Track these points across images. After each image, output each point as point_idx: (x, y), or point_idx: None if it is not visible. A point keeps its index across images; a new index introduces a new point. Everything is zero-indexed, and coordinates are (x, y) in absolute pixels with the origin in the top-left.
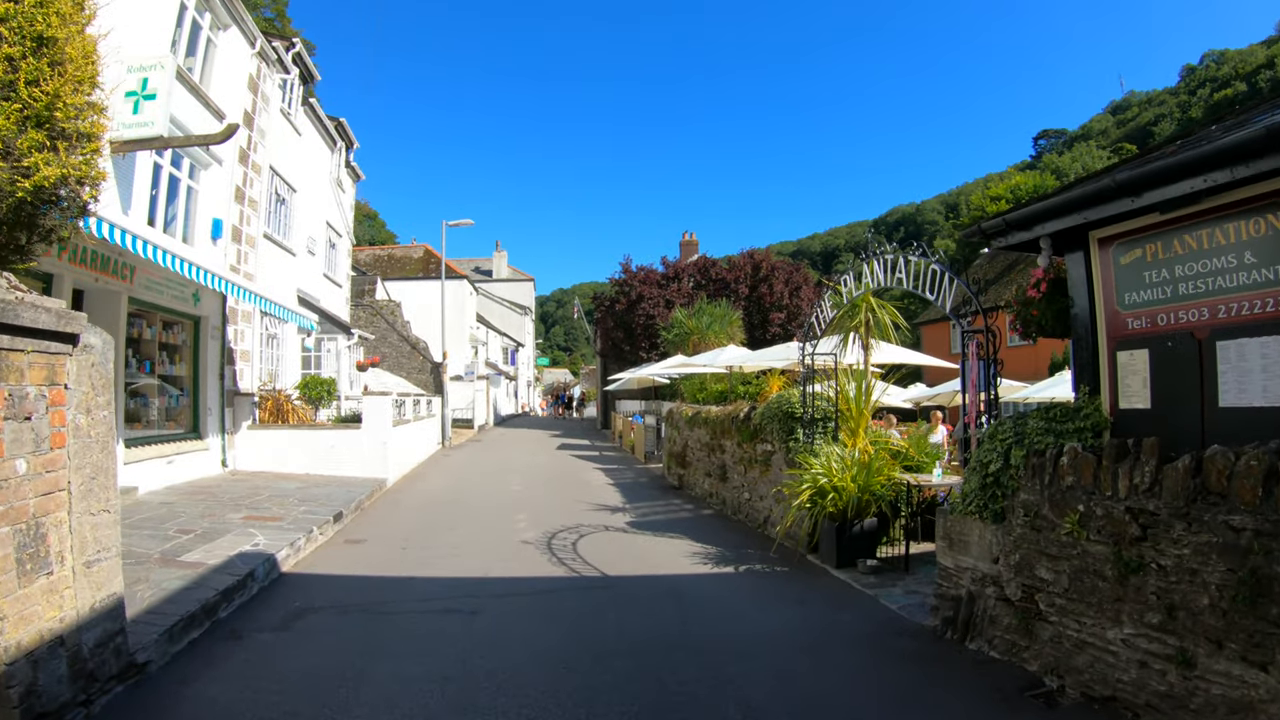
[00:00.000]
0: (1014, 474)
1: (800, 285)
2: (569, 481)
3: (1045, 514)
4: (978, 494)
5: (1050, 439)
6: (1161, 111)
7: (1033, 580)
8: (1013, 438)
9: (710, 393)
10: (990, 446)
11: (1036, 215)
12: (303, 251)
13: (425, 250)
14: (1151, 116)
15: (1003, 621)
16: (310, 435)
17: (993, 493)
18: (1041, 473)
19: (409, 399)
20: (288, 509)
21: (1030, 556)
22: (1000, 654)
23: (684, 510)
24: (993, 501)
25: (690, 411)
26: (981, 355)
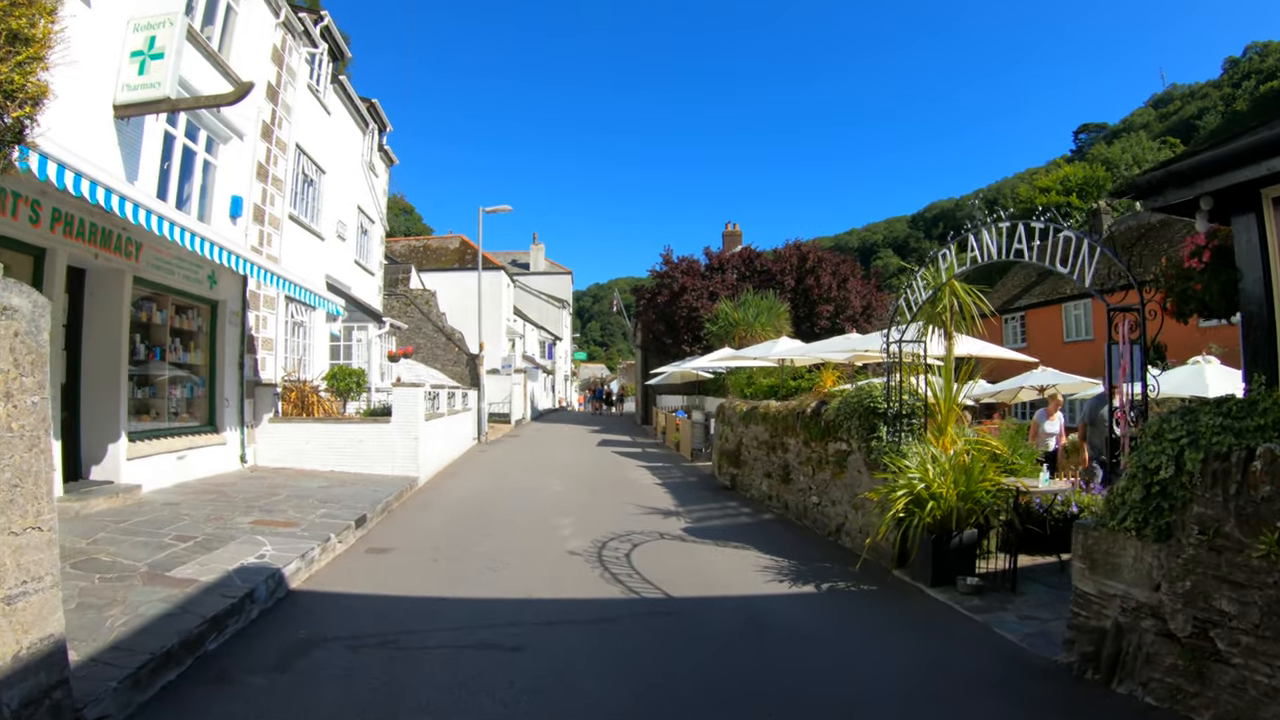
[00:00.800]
0: (1186, 482)
1: (848, 277)
2: (614, 481)
3: (1229, 532)
4: (1138, 506)
5: (1231, 439)
6: (1205, 105)
7: (1208, 613)
8: (1186, 437)
9: (759, 387)
10: (1157, 448)
11: (1202, 168)
12: (332, 236)
13: (461, 241)
14: (1195, 110)
15: (1164, 661)
16: (336, 429)
17: (1158, 505)
18: (1225, 481)
19: (443, 391)
20: (305, 512)
21: (1206, 584)
22: (1160, 701)
23: (742, 514)
24: (1156, 515)
25: (745, 407)
26: (1134, 338)
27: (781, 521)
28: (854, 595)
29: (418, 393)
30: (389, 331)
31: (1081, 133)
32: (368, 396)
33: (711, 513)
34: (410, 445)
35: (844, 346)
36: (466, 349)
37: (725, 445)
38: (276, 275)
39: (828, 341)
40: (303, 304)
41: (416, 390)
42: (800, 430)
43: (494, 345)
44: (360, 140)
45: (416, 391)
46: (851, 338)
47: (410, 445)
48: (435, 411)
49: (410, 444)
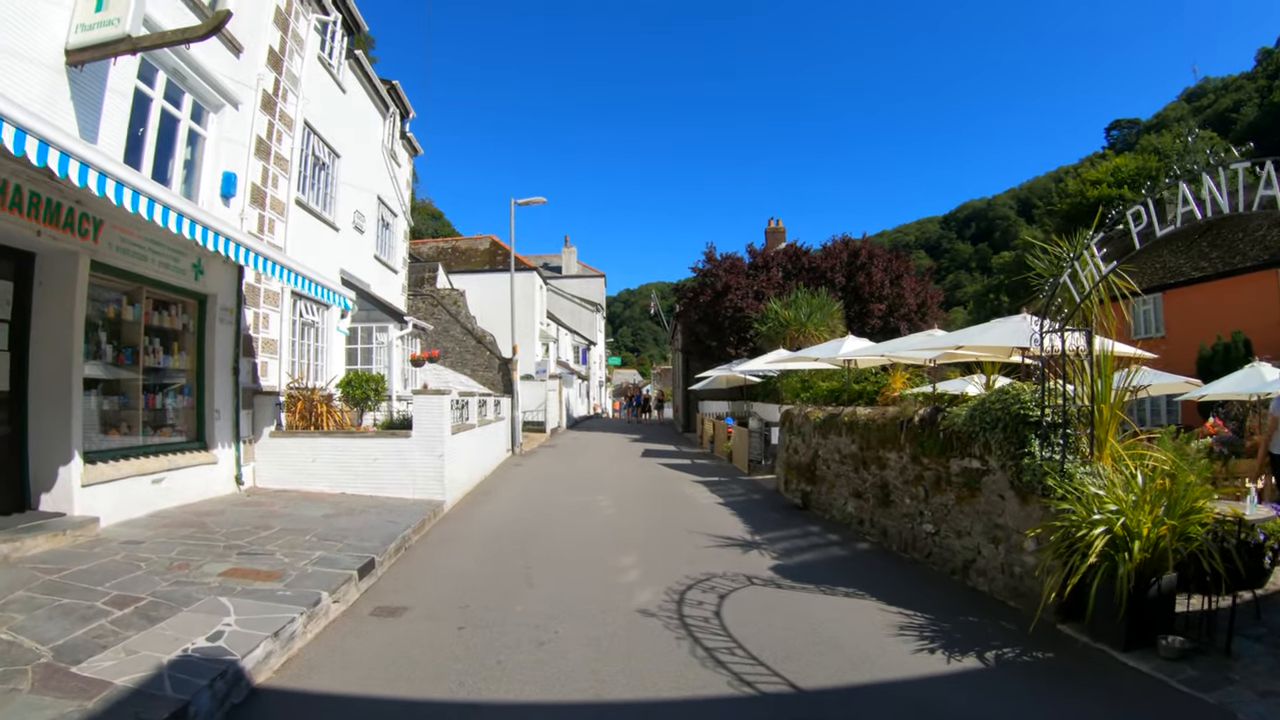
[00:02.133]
0: None
1: (901, 274)
2: (670, 500)
3: None
4: None
5: None
6: (1240, 97)
7: None
8: None
9: (819, 391)
10: None
11: None
12: (348, 227)
13: (492, 241)
14: (1230, 103)
15: None
16: (347, 445)
17: None
18: None
19: (473, 399)
20: (298, 554)
21: None
22: None
23: (831, 544)
24: None
25: (820, 414)
26: None
27: (882, 553)
28: (1033, 670)
29: (442, 402)
30: (412, 333)
31: (1114, 129)
32: (388, 406)
33: (795, 542)
34: (434, 464)
35: (927, 344)
36: (498, 352)
37: (794, 458)
38: (276, 264)
39: (908, 339)
40: (313, 300)
41: (441, 399)
42: (906, 443)
43: (527, 349)
44: (380, 125)
45: (441, 400)
46: (935, 334)
47: (434, 464)
48: (464, 423)
49: (434, 462)
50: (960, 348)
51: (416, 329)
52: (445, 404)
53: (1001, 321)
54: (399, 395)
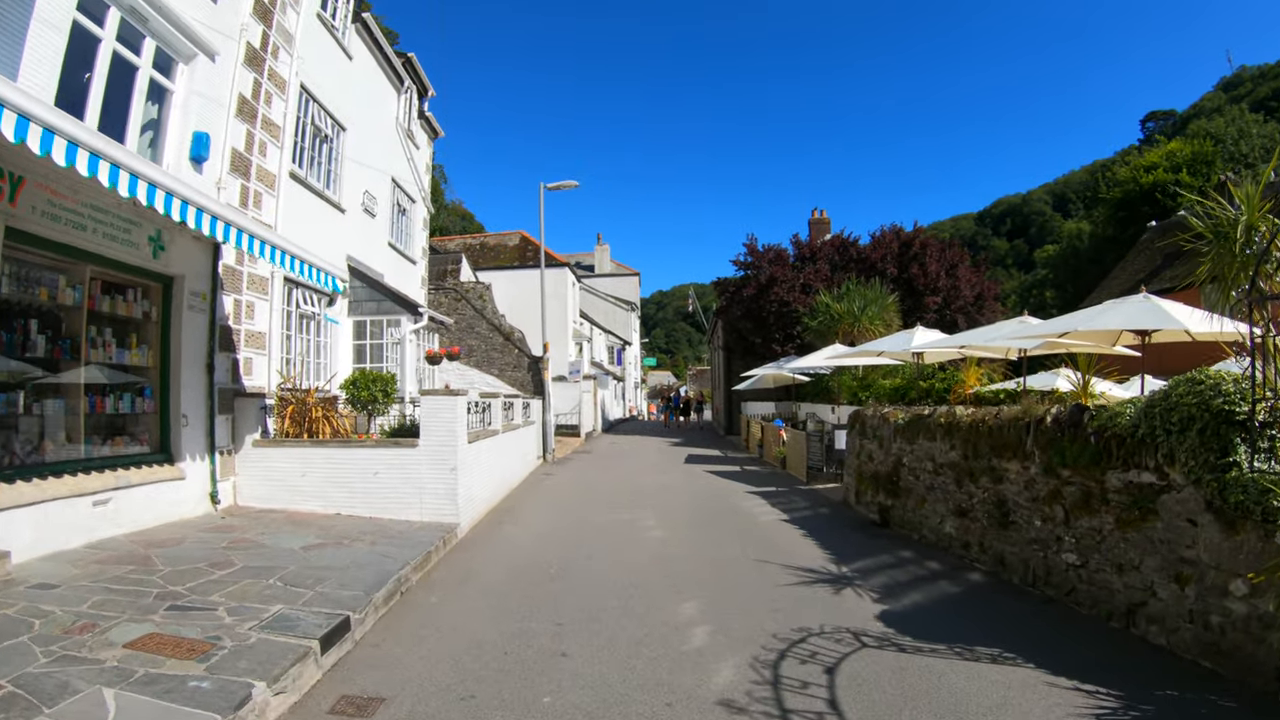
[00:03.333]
0: None
1: (956, 264)
2: (726, 517)
3: None
4: None
5: None
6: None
7: None
8: None
9: (880, 389)
10: None
11: None
12: (355, 209)
13: (521, 237)
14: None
15: None
16: (342, 456)
17: None
18: None
19: (496, 401)
20: (248, 608)
21: None
22: None
23: (935, 574)
24: None
25: (904, 415)
26: None
27: (1002, 588)
28: None
29: (455, 404)
30: (429, 326)
31: (1149, 120)
32: (400, 410)
33: (891, 574)
34: (445, 479)
35: (1021, 332)
36: (528, 350)
37: (869, 466)
38: (256, 238)
39: (995, 327)
40: (313, 289)
41: (453, 400)
42: (1036, 450)
43: (559, 349)
44: (395, 101)
45: (453, 402)
46: (1028, 321)
47: (445, 479)
48: (485, 428)
49: (445, 477)
50: (1065, 335)
51: (434, 323)
52: (459, 406)
53: (1118, 303)
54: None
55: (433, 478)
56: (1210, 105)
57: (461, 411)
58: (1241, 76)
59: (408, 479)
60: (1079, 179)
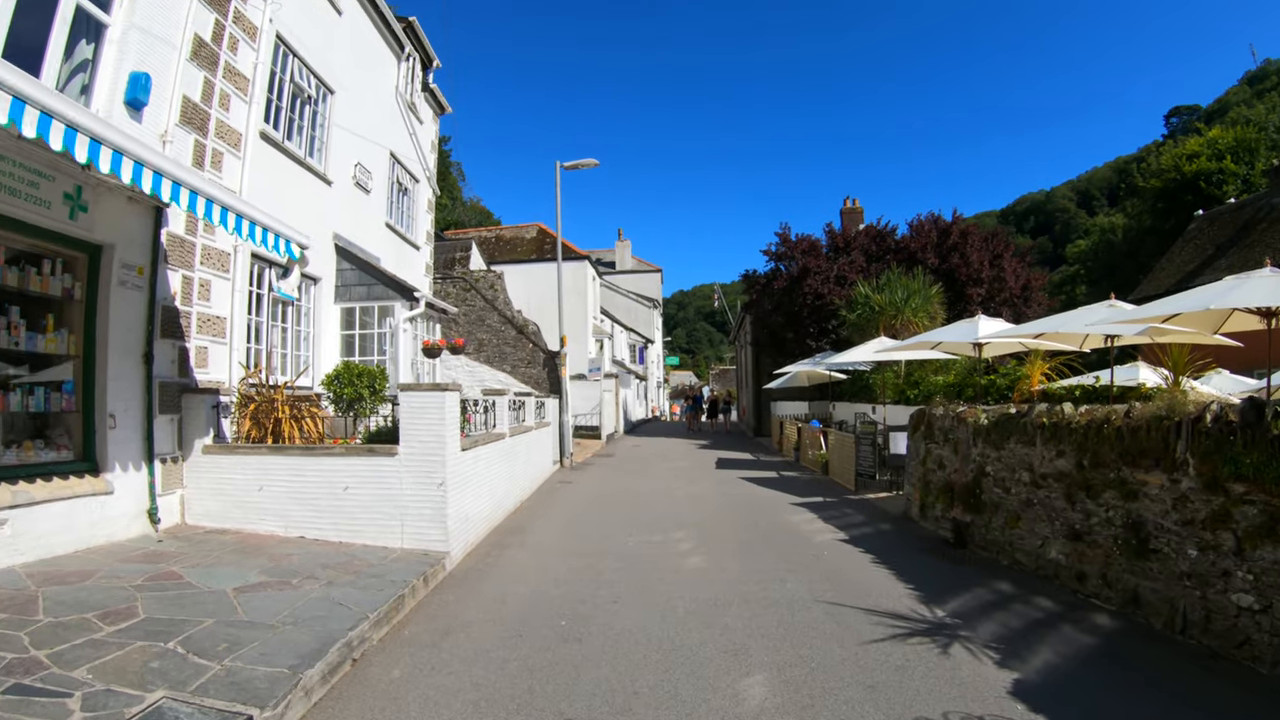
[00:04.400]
0: None
1: (1000, 253)
2: (774, 536)
3: None
4: None
5: None
6: None
7: None
8: None
9: (931, 386)
10: None
11: None
12: (345, 182)
13: (539, 229)
14: None
15: None
16: (306, 466)
17: None
18: None
19: (502, 399)
20: (116, 694)
21: None
22: None
23: (1053, 616)
24: None
25: (988, 415)
26: None
27: (1145, 635)
28: None
29: (443, 402)
30: (426, 313)
31: (1173, 116)
32: (393, 410)
33: (1000, 618)
34: (431, 497)
35: (1112, 317)
36: (543, 345)
37: (941, 475)
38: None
39: (1078, 312)
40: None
41: (441, 398)
42: (1193, 458)
43: (579, 346)
44: (394, 68)
45: (441, 400)
46: (1120, 306)
47: (431, 497)
48: (489, 432)
49: (431, 494)
50: (1170, 319)
51: (433, 311)
52: (448, 405)
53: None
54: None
55: (415, 495)
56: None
57: (452, 411)
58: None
59: (385, 496)
60: (1103, 175)
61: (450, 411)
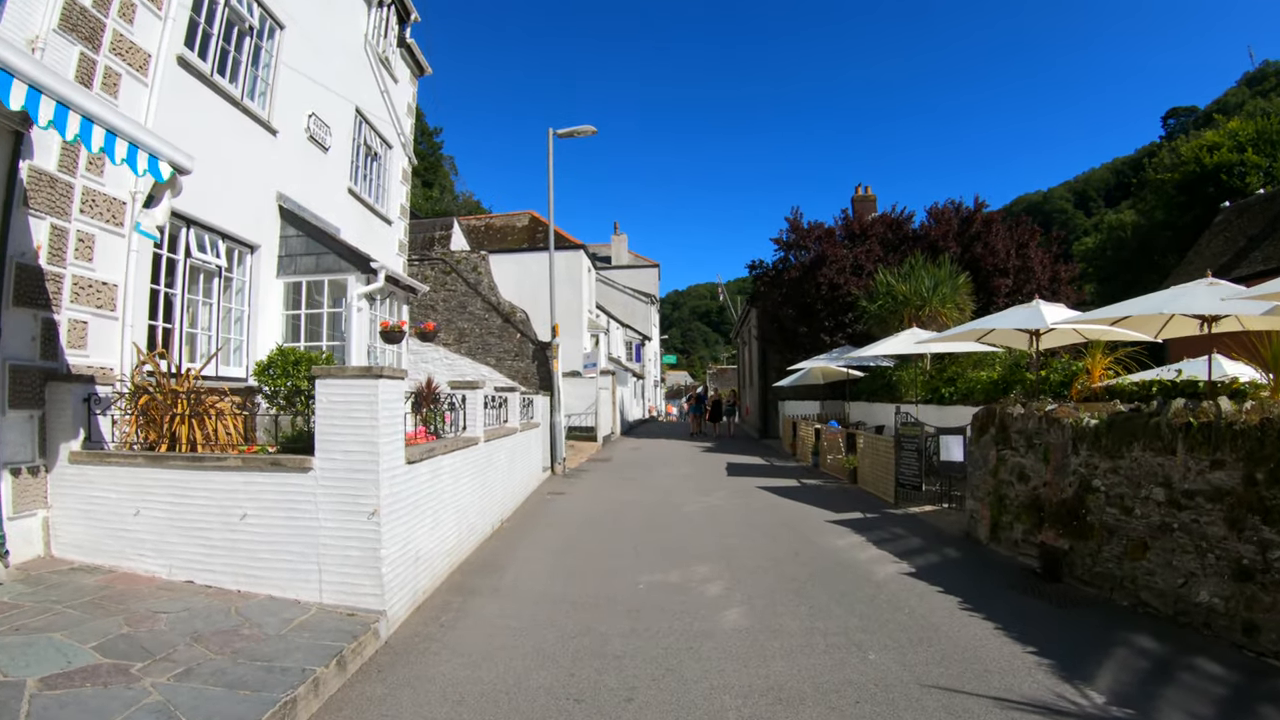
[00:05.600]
0: None
1: (1027, 242)
2: (829, 575)
3: None
4: None
5: None
6: None
7: None
8: None
9: (973, 383)
10: None
11: None
12: (294, 134)
13: (531, 217)
14: None
15: None
16: (194, 484)
17: None
18: None
19: (474, 394)
20: None
21: None
22: None
23: (1247, 694)
24: None
25: (1091, 416)
26: None
27: None
28: None
29: (373, 393)
30: (386, 290)
31: (1170, 117)
32: None
33: (1180, 702)
34: (359, 532)
35: (1219, 295)
36: (532, 335)
37: (1022, 489)
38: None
39: (1169, 293)
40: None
41: (371, 387)
42: None
43: (573, 340)
44: (364, 14)
45: (371, 390)
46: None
47: (359, 532)
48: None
49: (359, 528)
50: None
51: (396, 286)
52: (384, 399)
53: None
54: None
55: (338, 528)
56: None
57: (391, 408)
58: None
59: (296, 528)
60: (1100, 176)
61: (388, 408)
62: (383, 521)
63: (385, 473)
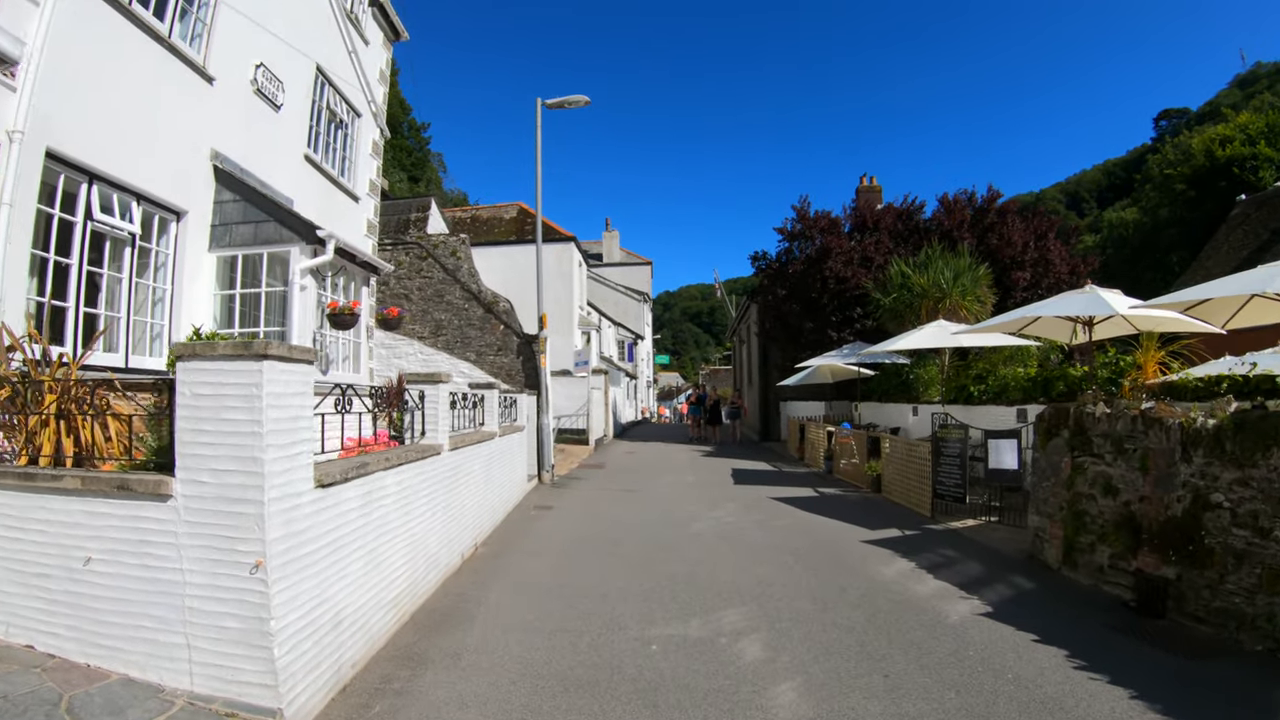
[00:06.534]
0: None
1: (1045, 233)
2: (896, 625)
3: None
4: None
5: None
6: None
7: None
8: None
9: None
10: None
11: None
12: (236, 84)
13: (519, 209)
14: None
15: None
16: (32, 511)
17: None
18: None
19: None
20: None
21: None
22: None
23: None
24: None
25: (1206, 415)
26: None
27: None
28: None
29: (255, 380)
30: (333, 264)
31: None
32: None
33: None
34: (240, 594)
35: None
36: (517, 327)
37: (1108, 505)
38: None
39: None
40: (129, 191)
41: (254, 370)
42: None
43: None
44: None
45: (254, 375)
46: None
47: (240, 594)
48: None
49: (238, 590)
50: None
51: (351, 261)
52: (270, 393)
53: None
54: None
55: (207, 584)
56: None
57: (285, 406)
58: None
59: (154, 581)
60: (1091, 177)
61: (282, 406)
62: (274, 578)
63: (277, 503)
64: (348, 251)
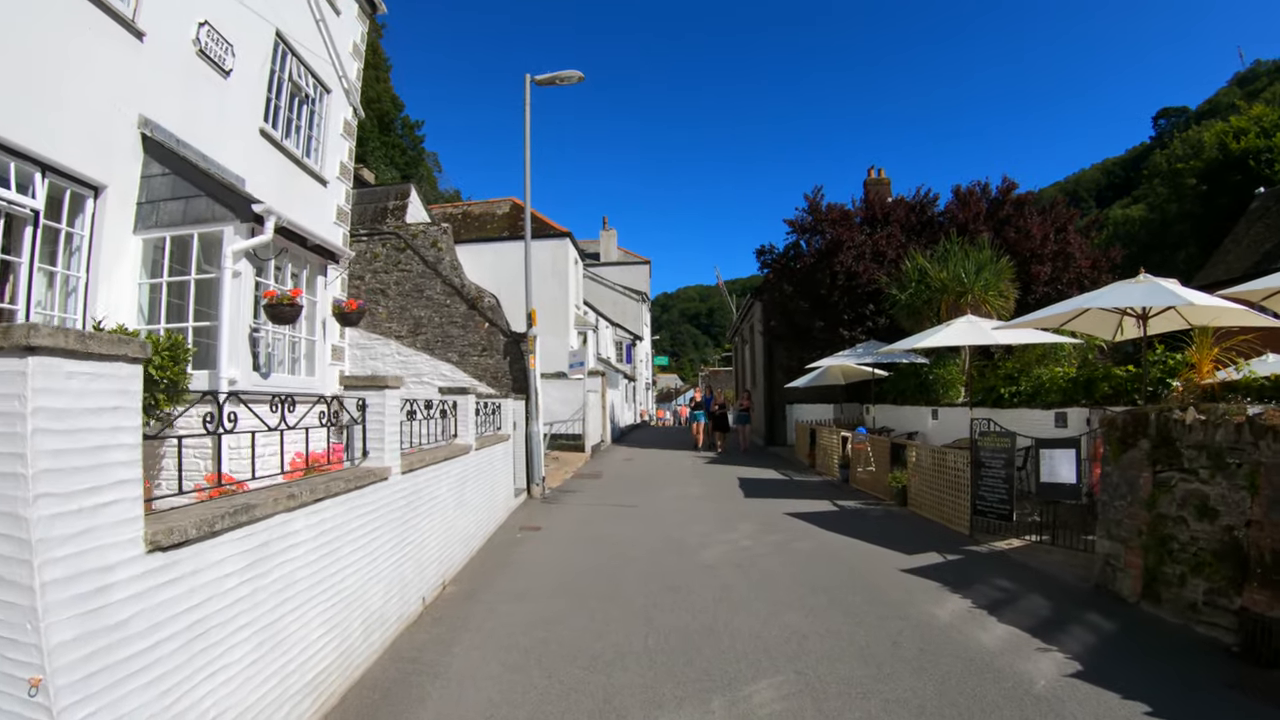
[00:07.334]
0: None
1: (1065, 225)
2: (967, 694)
3: None
4: None
5: None
6: None
7: None
8: None
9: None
10: None
11: None
12: (175, 43)
13: (512, 204)
14: None
15: None
16: None
17: None
18: None
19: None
20: None
21: None
22: None
23: None
24: None
25: None
26: None
27: None
28: None
29: (19, 390)
30: (273, 246)
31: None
32: (211, 411)
33: None
34: None
35: None
36: (504, 325)
37: (1212, 530)
38: None
39: None
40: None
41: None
42: None
43: (559, 339)
44: None
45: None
46: None
47: None
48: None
49: None
50: None
51: (297, 243)
52: (35, 407)
53: None
54: (237, 386)
55: None
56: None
57: (92, 432)
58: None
59: None
60: (1090, 176)
61: (62, 433)
62: (66, 703)
63: (63, 586)
64: (293, 232)
